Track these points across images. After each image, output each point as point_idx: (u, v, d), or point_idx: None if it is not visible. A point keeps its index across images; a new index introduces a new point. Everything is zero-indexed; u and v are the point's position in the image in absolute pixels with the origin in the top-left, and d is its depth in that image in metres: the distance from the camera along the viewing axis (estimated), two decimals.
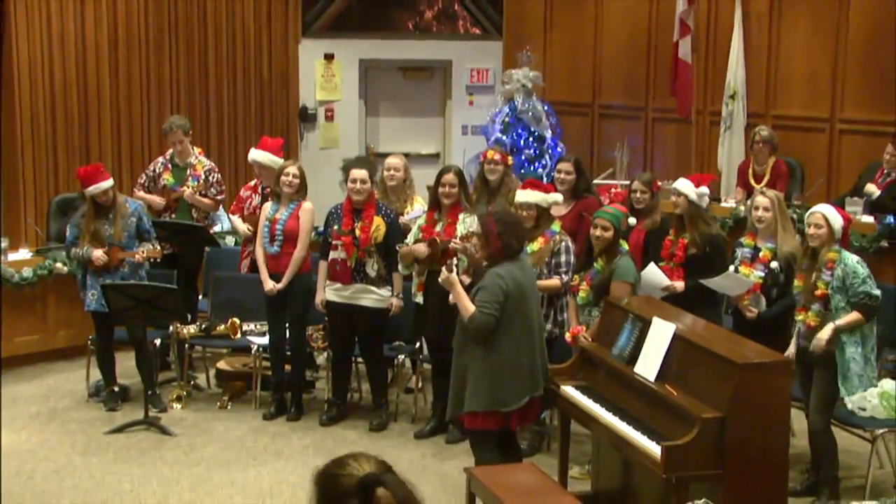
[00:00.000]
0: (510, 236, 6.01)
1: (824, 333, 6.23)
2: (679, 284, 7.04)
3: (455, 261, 6.05)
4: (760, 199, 6.89)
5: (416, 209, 8.00)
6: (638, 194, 7.65)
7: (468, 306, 5.88)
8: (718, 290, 6.96)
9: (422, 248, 7.33)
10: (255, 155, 8.41)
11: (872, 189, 9.10)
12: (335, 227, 7.55)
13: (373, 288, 7.49)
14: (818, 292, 6.33)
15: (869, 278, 6.24)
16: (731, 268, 6.95)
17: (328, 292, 7.61)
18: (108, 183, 7.84)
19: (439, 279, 6.12)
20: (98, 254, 7.75)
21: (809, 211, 6.52)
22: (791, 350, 6.49)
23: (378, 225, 7.48)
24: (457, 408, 6.10)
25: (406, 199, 8.18)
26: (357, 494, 2.62)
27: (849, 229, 6.49)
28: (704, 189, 7.17)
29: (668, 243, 7.29)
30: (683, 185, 7.16)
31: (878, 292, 6.24)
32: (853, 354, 6.25)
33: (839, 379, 6.27)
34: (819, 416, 6.42)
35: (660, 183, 8.04)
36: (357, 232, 7.47)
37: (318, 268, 7.70)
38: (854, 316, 6.21)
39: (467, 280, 6.42)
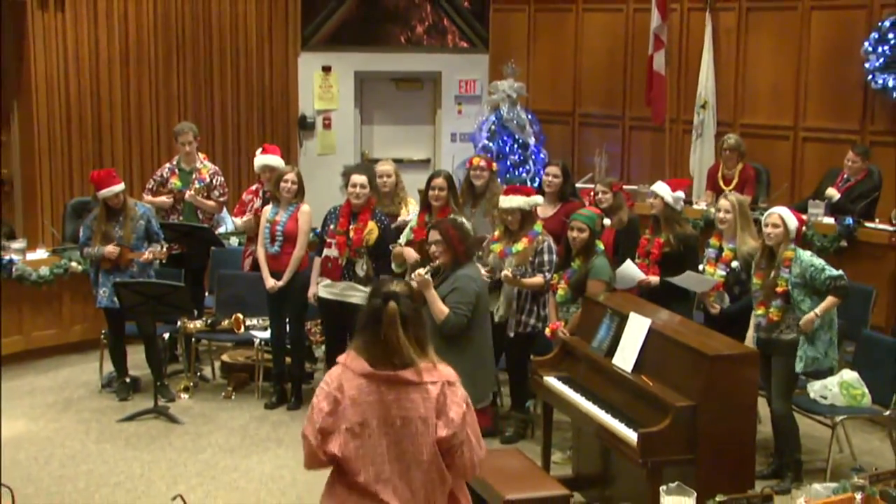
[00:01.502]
0: (468, 240, 6.07)
1: (807, 323, 6.25)
2: (654, 279, 7.06)
3: (429, 267, 6.00)
4: (722, 203, 6.98)
5: (413, 211, 7.97)
6: (600, 195, 7.73)
7: (442, 308, 5.77)
8: (683, 286, 6.97)
9: (412, 254, 7.31)
10: (266, 160, 8.40)
11: (833, 192, 9.11)
12: (331, 226, 7.54)
13: (360, 286, 7.44)
14: (779, 289, 6.36)
15: (826, 265, 6.29)
16: (701, 266, 6.98)
17: (319, 288, 7.59)
18: (119, 187, 7.83)
19: (413, 277, 6.00)
20: (110, 248, 7.74)
21: (767, 212, 6.56)
22: (749, 342, 6.50)
23: (371, 229, 7.45)
24: None
25: (400, 202, 8.16)
26: (380, 297, 3.72)
27: (802, 229, 6.52)
28: (680, 193, 7.25)
29: (645, 242, 7.33)
30: (661, 188, 7.21)
31: (839, 272, 6.28)
32: (816, 338, 6.28)
33: (795, 359, 6.30)
34: (780, 402, 6.46)
35: (628, 187, 8.08)
36: (351, 233, 7.46)
37: (313, 263, 7.68)
38: (830, 300, 6.24)
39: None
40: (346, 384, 3.68)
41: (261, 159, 8.46)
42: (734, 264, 6.82)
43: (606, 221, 7.14)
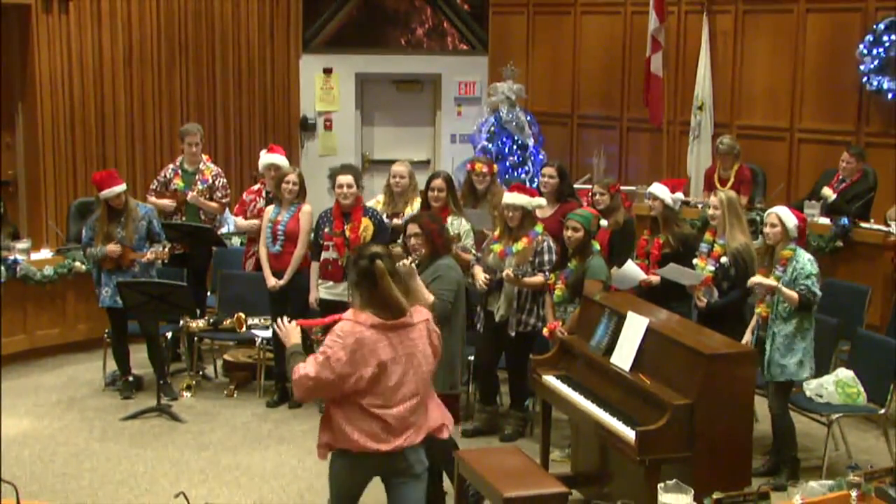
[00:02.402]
0: (445, 233, 6.23)
1: (766, 280, 6.28)
2: (655, 279, 7.06)
3: (413, 257, 6.10)
4: (711, 199, 7.01)
5: (411, 213, 7.96)
6: (598, 196, 7.72)
7: (427, 295, 5.89)
8: (669, 278, 6.94)
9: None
10: (271, 158, 8.39)
11: (828, 193, 9.10)
12: (326, 230, 7.53)
13: None
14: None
15: (814, 277, 6.26)
16: (694, 261, 6.98)
17: (320, 291, 7.59)
18: (121, 187, 7.83)
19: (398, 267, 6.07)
20: (112, 246, 7.74)
21: (767, 212, 6.55)
22: (747, 338, 6.51)
23: (366, 226, 7.47)
24: None
25: (407, 202, 8.11)
26: (367, 259, 4.48)
27: (805, 230, 6.49)
28: (679, 195, 7.26)
29: (644, 242, 7.33)
30: (659, 190, 7.20)
31: (818, 291, 6.26)
32: (788, 347, 6.29)
33: (783, 363, 6.30)
34: (776, 400, 6.45)
35: (625, 188, 8.07)
36: (347, 233, 7.45)
37: (311, 268, 7.67)
38: (794, 296, 6.22)
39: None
40: (360, 336, 4.40)
41: (266, 158, 8.46)
42: (723, 259, 6.82)
43: (603, 222, 7.14)
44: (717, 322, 6.40)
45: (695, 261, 6.98)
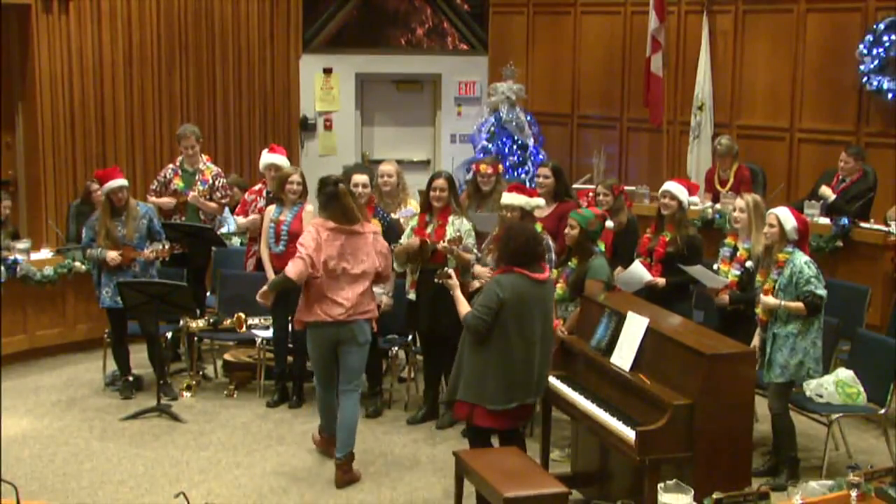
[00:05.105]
0: (522, 244, 5.79)
1: (771, 301, 6.27)
2: (661, 280, 7.04)
3: (445, 269, 6.05)
4: (738, 202, 6.96)
5: (408, 209, 7.98)
6: (601, 197, 7.71)
7: (464, 308, 5.84)
8: (695, 276, 6.92)
9: (414, 242, 7.31)
10: (272, 158, 8.38)
11: (828, 193, 9.09)
12: None
13: None
14: (766, 287, 6.36)
15: (815, 279, 6.24)
16: (715, 265, 6.96)
17: None
18: (124, 181, 7.85)
19: (436, 279, 6.25)
20: (113, 255, 7.75)
21: (768, 212, 6.55)
22: (755, 342, 6.51)
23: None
24: (452, 393, 5.96)
25: (400, 202, 8.12)
26: (332, 185, 6.51)
27: (807, 233, 6.44)
28: (695, 198, 7.21)
29: (647, 240, 7.30)
30: (677, 189, 7.15)
31: (822, 292, 6.24)
32: (789, 346, 6.29)
33: (783, 364, 6.30)
34: (777, 401, 6.44)
35: (626, 187, 8.06)
36: None
37: None
38: (798, 305, 6.22)
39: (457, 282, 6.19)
40: (321, 234, 6.34)
41: (267, 157, 8.46)
42: (748, 264, 6.81)
43: (609, 223, 7.12)
44: (734, 325, 6.46)
45: (716, 265, 6.96)
